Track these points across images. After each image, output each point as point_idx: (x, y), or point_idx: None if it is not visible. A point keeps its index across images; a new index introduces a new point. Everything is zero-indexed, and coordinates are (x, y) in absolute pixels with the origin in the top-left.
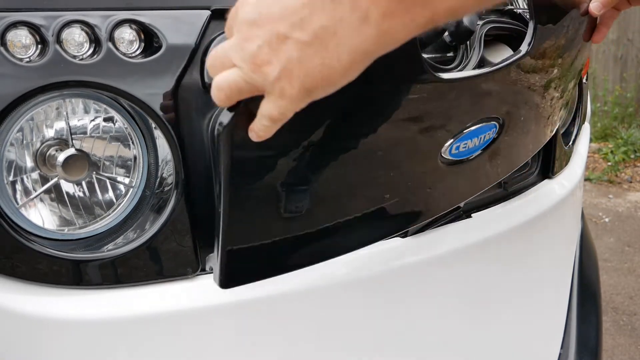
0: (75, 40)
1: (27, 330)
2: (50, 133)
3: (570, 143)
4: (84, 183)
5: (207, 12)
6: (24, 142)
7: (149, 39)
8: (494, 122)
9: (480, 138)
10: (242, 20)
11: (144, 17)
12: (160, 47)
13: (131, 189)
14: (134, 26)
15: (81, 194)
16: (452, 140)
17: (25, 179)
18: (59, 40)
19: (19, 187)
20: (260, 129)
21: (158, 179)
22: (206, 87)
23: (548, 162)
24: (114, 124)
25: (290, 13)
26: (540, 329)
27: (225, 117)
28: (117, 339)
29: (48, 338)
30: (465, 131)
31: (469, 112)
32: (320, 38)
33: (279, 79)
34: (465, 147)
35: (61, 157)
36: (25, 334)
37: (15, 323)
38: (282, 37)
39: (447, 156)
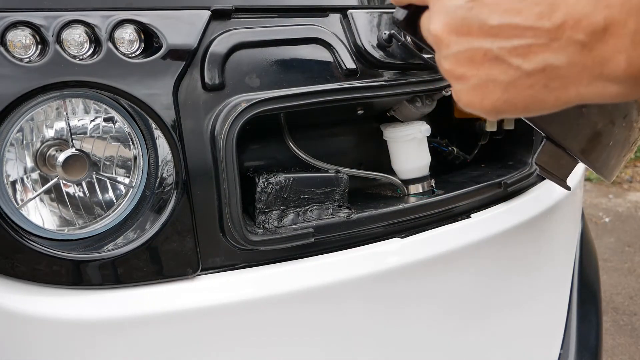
0: (76, 40)
1: (27, 330)
2: (50, 133)
3: None
4: (84, 183)
5: (207, 12)
6: (24, 142)
7: (149, 39)
8: None
9: None
10: (446, 12)
11: (144, 17)
12: (160, 47)
13: (131, 189)
14: (134, 26)
15: (81, 194)
16: None
17: (25, 179)
18: (59, 40)
19: (19, 187)
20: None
21: (158, 179)
22: (206, 87)
23: None
24: (114, 124)
25: (515, 35)
26: (540, 329)
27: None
28: (117, 339)
29: (48, 338)
30: None
31: None
32: (546, 74)
33: (465, 93)
34: None
35: (61, 157)
36: (25, 333)
37: (15, 323)
38: (490, 56)
39: None
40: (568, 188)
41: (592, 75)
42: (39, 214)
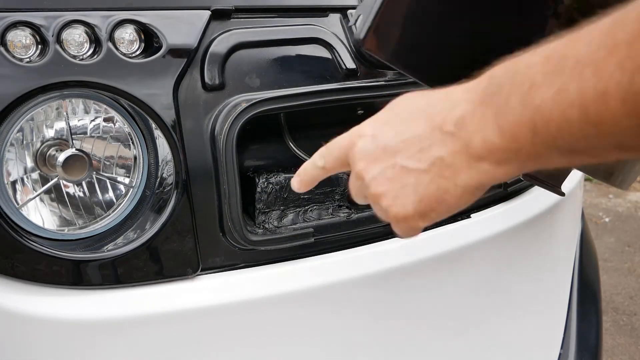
0: (76, 40)
1: (27, 330)
2: (50, 133)
3: None
4: (84, 183)
5: (207, 12)
6: (24, 142)
7: (149, 39)
8: None
9: None
10: (360, 151)
11: (144, 17)
12: (160, 47)
13: (131, 189)
14: (134, 26)
15: (81, 194)
16: None
17: (25, 179)
18: (59, 41)
19: (19, 187)
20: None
21: (158, 179)
22: (206, 87)
23: None
24: (114, 124)
25: (408, 145)
26: (540, 329)
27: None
28: (117, 339)
29: (48, 338)
30: None
31: None
32: (437, 166)
33: (390, 206)
34: None
35: (61, 157)
36: (25, 333)
37: (15, 323)
38: (398, 167)
39: None
40: (562, 194)
41: (467, 157)
42: (39, 214)
